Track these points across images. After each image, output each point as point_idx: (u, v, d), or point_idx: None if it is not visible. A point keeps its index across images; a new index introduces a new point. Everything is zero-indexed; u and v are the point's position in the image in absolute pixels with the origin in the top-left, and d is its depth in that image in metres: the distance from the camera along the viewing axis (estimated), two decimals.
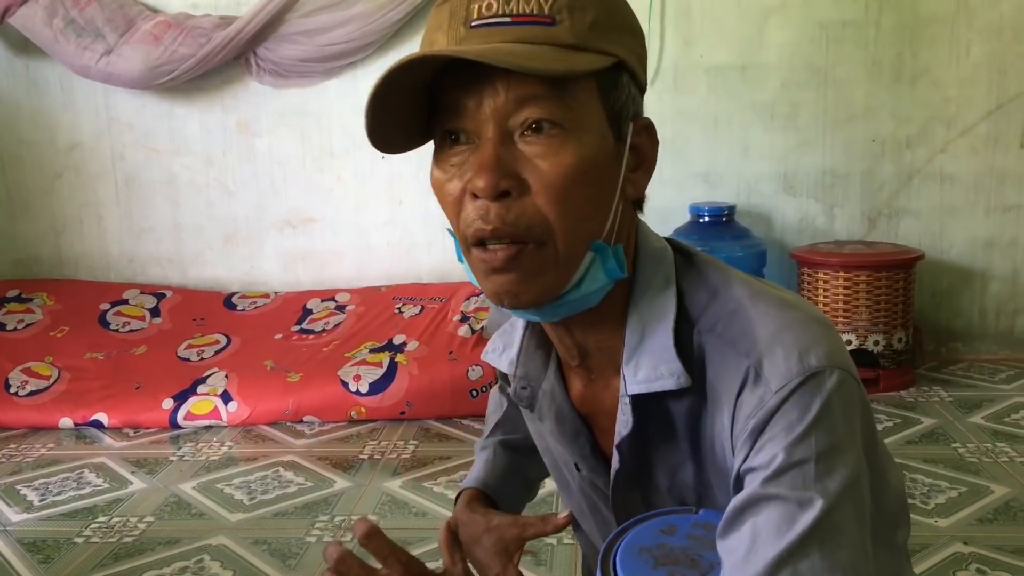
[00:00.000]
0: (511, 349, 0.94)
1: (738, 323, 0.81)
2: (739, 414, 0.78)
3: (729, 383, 0.79)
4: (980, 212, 3.79)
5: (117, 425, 3.30)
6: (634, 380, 0.82)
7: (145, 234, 4.18)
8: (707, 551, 0.75)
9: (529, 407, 0.92)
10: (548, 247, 0.76)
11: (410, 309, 3.76)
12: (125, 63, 3.77)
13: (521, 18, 0.74)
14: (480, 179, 0.75)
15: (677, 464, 0.85)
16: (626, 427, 0.83)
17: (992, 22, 3.67)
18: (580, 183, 0.76)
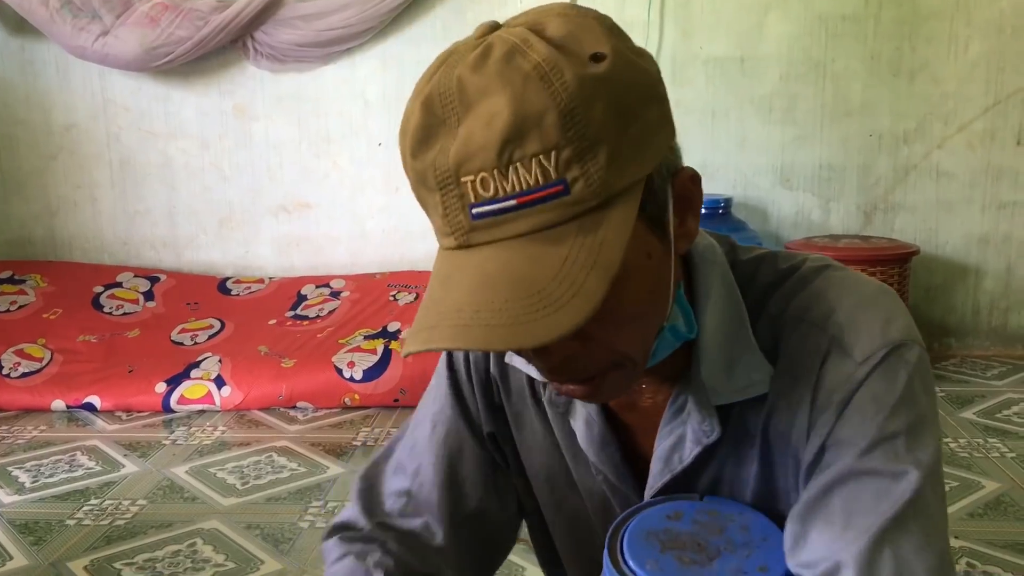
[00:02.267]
0: None
1: (813, 299, 0.79)
2: (821, 388, 0.77)
3: (808, 359, 0.78)
4: (976, 208, 3.80)
5: (110, 408, 3.29)
6: (726, 390, 0.80)
7: (139, 217, 4.16)
8: (713, 536, 0.75)
9: (564, 412, 0.90)
10: (624, 367, 0.74)
11: (405, 296, 3.75)
12: (121, 45, 3.74)
13: (528, 197, 0.62)
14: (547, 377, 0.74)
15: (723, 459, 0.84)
16: (709, 436, 0.81)
17: (991, 18, 3.67)
18: (635, 315, 0.72)
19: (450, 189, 0.64)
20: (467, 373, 0.97)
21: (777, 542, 0.75)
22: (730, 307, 0.81)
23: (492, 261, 0.63)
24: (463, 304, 0.63)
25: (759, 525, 0.77)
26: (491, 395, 0.98)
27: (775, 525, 0.77)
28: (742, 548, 0.74)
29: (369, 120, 4.00)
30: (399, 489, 0.98)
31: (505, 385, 0.97)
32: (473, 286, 0.63)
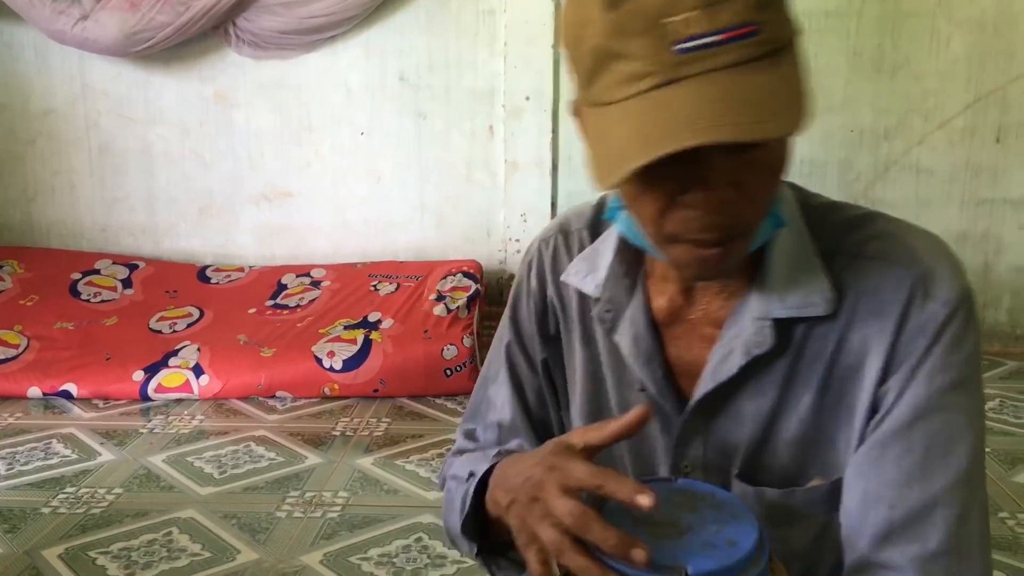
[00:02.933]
0: (597, 273, 0.95)
1: (895, 243, 0.85)
2: (906, 327, 0.82)
3: (890, 298, 0.83)
4: (955, 205, 3.83)
5: (86, 396, 3.27)
6: (781, 306, 0.85)
7: (118, 203, 4.13)
8: (685, 514, 0.77)
9: (611, 330, 0.94)
10: (750, 235, 0.80)
11: (386, 287, 3.74)
12: (101, 29, 3.71)
13: (731, 33, 0.69)
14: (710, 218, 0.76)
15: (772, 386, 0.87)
16: (760, 348, 0.85)
17: (972, 16, 3.69)
18: (779, 170, 0.79)
19: (654, 30, 0.70)
20: (528, 305, 1.04)
21: (747, 520, 0.76)
22: (797, 236, 0.87)
23: (708, 86, 0.70)
24: (696, 116, 0.69)
25: (731, 504, 0.79)
26: (546, 325, 1.03)
27: (747, 506, 0.78)
28: (712, 524, 0.76)
29: (352, 109, 3.98)
30: (492, 422, 1.07)
31: (563, 310, 1.02)
32: (700, 103, 0.69)
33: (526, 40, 3.78)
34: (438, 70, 3.91)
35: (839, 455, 0.86)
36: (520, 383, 1.06)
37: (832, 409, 0.86)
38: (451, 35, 3.88)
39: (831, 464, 0.87)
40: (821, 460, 0.87)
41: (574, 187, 3.91)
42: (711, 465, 0.91)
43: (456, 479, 1.00)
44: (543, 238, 1.04)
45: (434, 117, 3.95)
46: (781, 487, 0.88)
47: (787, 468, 0.88)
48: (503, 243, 3.98)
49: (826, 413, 0.86)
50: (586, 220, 1.01)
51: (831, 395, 0.86)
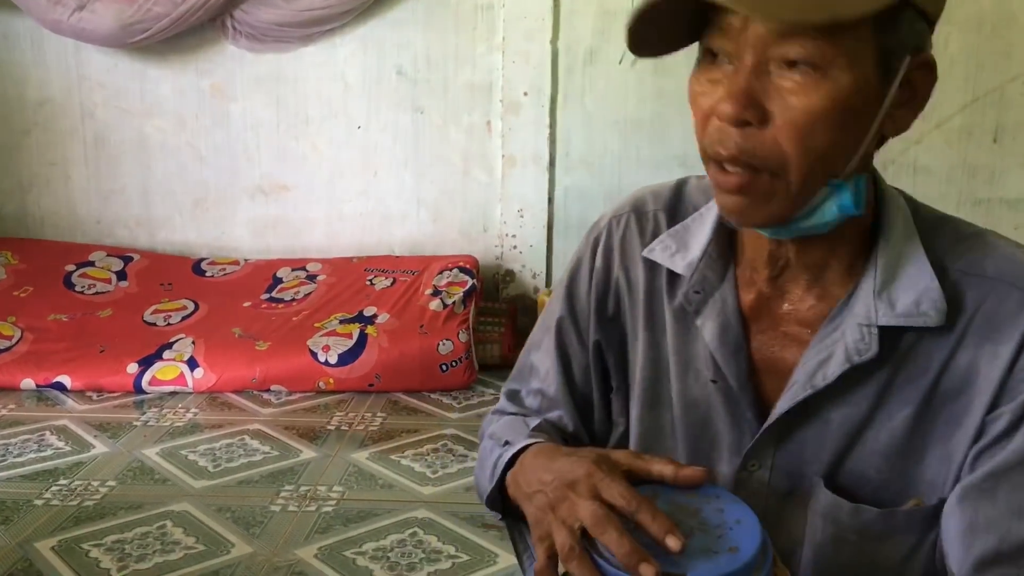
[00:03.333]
0: (689, 252, 0.92)
1: (1016, 266, 0.83)
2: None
3: (1011, 319, 0.81)
4: (952, 205, 3.83)
5: (80, 388, 3.25)
6: (890, 312, 0.82)
7: (114, 195, 4.11)
8: (687, 518, 0.76)
9: (695, 312, 0.91)
10: (781, 179, 0.77)
11: (382, 281, 3.73)
12: (97, 20, 3.69)
13: None
14: (725, 105, 0.76)
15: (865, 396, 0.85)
16: (862, 355, 0.82)
17: (971, 15, 3.69)
18: (826, 125, 0.76)
19: None
20: (588, 282, 1.01)
21: (751, 525, 0.75)
22: (910, 244, 0.85)
23: None
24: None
25: (734, 509, 0.77)
26: (605, 305, 1.01)
27: (751, 511, 0.77)
28: (715, 529, 0.75)
29: (349, 103, 3.97)
30: (535, 388, 1.06)
31: (629, 292, 0.99)
32: None
33: (524, 35, 3.77)
34: (436, 64, 3.90)
35: (926, 472, 0.85)
36: (568, 359, 1.04)
37: (928, 427, 0.84)
38: (449, 29, 3.86)
39: (917, 480, 0.85)
40: (907, 476, 0.85)
41: (571, 183, 3.90)
42: (781, 467, 0.89)
43: (493, 439, 1.00)
44: (615, 215, 1.01)
45: (431, 111, 3.94)
46: (863, 500, 0.86)
47: (871, 480, 0.86)
48: (500, 238, 3.98)
49: (921, 430, 0.84)
50: (664, 201, 0.99)
51: (930, 412, 0.84)
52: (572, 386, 1.04)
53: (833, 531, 0.87)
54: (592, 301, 1.01)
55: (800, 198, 0.79)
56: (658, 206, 0.99)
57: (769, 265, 0.88)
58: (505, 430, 0.99)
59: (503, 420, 1.04)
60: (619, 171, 3.82)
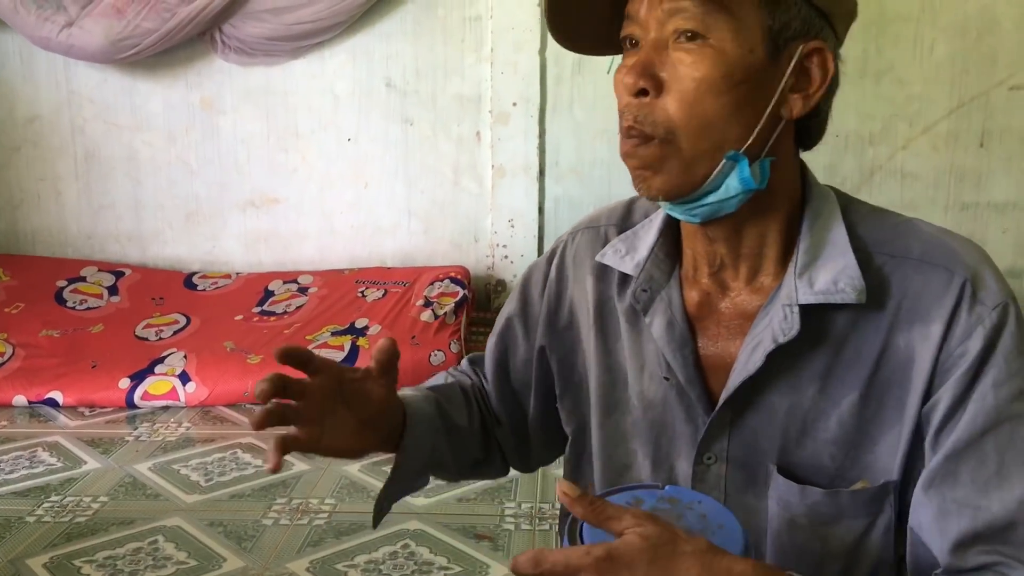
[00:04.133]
0: (636, 253, 0.97)
1: (941, 249, 0.86)
2: (955, 328, 0.82)
3: (937, 299, 0.83)
4: (939, 209, 3.85)
5: (72, 404, 3.25)
6: (809, 291, 0.85)
7: (104, 211, 4.11)
8: (671, 522, 0.76)
9: (644, 310, 0.94)
10: (672, 145, 0.82)
11: (373, 293, 3.74)
12: (87, 36, 3.70)
13: None
14: (627, 77, 0.83)
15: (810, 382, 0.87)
16: (786, 335, 0.85)
17: (956, 21, 3.72)
18: (713, 92, 0.81)
19: None
20: (541, 290, 1.07)
21: (733, 529, 0.76)
22: (834, 230, 0.88)
23: None
24: None
25: (717, 513, 0.78)
26: (558, 316, 1.05)
27: (733, 515, 0.78)
28: (698, 534, 0.75)
29: (338, 115, 3.98)
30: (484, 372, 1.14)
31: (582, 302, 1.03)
32: None
33: (513, 46, 3.79)
34: (425, 76, 3.92)
35: (880, 459, 0.86)
36: (506, 356, 1.10)
37: (876, 413, 0.86)
38: (438, 41, 3.88)
39: (872, 467, 0.86)
40: (862, 462, 0.87)
41: (561, 192, 3.92)
42: (735, 458, 0.91)
43: None
44: (571, 232, 1.07)
45: (421, 123, 3.96)
46: (818, 486, 0.87)
47: (825, 467, 0.88)
48: (490, 248, 3.99)
49: (869, 416, 0.86)
50: (617, 216, 1.04)
51: (875, 398, 0.86)
52: (502, 388, 1.11)
53: (787, 516, 0.88)
54: (544, 312, 1.06)
55: (695, 168, 0.83)
56: (611, 221, 1.04)
57: (708, 262, 0.92)
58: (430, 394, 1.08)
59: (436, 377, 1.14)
60: (609, 180, 3.84)
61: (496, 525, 2.41)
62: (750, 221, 0.88)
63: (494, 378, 1.11)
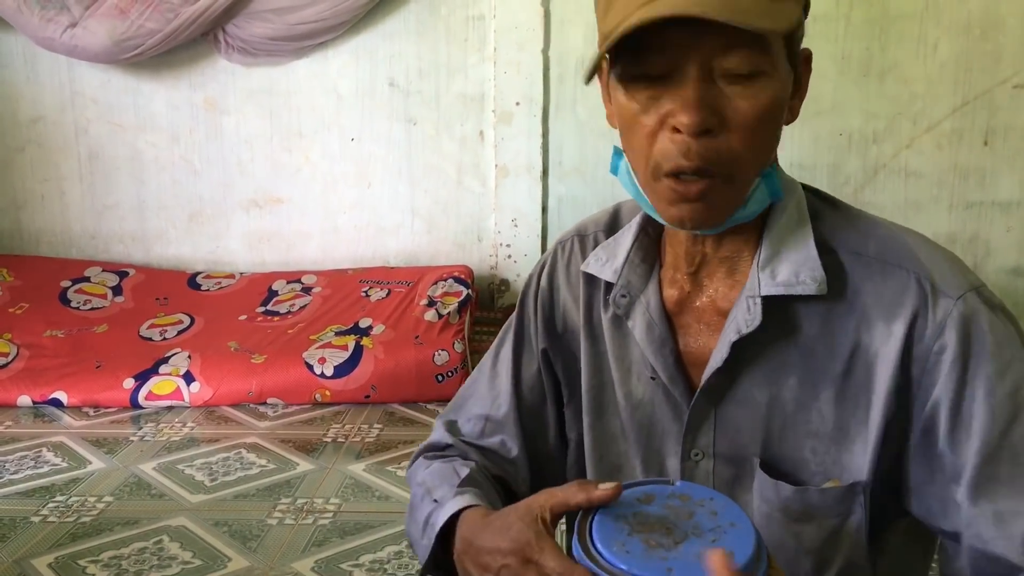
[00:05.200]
0: (615, 259, 0.98)
1: (896, 246, 0.87)
2: (922, 327, 0.83)
3: (896, 299, 0.84)
4: (943, 208, 3.84)
5: (77, 404, 3.25)
6: (771, 283, 0.87)
7: (108, 211, 4.12)
8: (682, 520, 0.76)
9: (624, 315, 0.96)
10: (732, 181, 0.82)
11: (377, 292, 3.74)
12: (90, 36, 3.70)
13: None
14: (687, 116, 0.79)
15: (788, 375, 0.88)
16: (748, 326, 0.86)
17: (960, 19, 3.71)
18: (770, 121, 0.82)
19: None
20: (535, 303, 1.06)
21: (745, 528, 0.75)
22: (798, 224, 0.90)
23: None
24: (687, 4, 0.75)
25: (729, 511, 0.77)
26: (553, 323, 1.05)
27: (744, 512, 0.77)
28: (709, 533, 0.75)
29: (341, 115, 3.98)
30: (477, 415, 1.08)
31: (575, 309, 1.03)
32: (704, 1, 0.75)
33: (516, 45, 3.79)
34: (428, 75, 3.92)
35: (855, 458, 0.86)
36: (520, 378, 1.07)
37: (851, 411, 0.87)
38: (441, 40, 3.88)
39: (846, 466, 0.87)
40: (839, 461, 0.87)
41: (564, 192, 3.92)
42: (721, 453, 0.92)
43: (423, 488, 1.01)
44: (560, 241, 1.07)
45: (424, 122, 3.96)
46: (798, 483, 0.88)
47: (807, 461, 0.88)
48: (494, 248, 3.99)
49: (845, 413, 0.87)
50: (603, 224, 1.05)
51: (849, 396, 0.87)
52: (521, 405, 1.06)
53: (766, 510, 0.89)
54: (539, 319, 1.06)
55: (742, 195, 0.84)
56: (598, 228, 1.05)
57: (687, 262, 0.93)
58: (434, 479, 1.00)
59: (432, 468, 1.04)
60: (612, 179, 3.78)
61: None
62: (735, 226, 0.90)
63: (512, 414, 1.06)
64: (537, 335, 1.06)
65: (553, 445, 1.08)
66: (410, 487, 1.07)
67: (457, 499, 0.93)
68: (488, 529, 0.84)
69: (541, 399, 1.07)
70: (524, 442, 1.06)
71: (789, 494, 0.88)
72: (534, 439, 1.07)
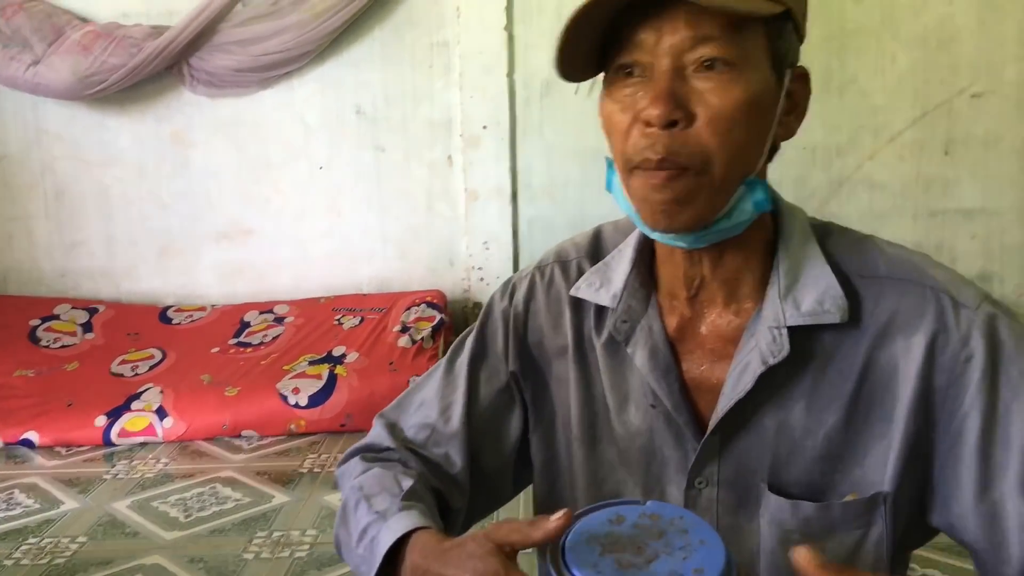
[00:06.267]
0: (612, 285, 0.96)
1: (906, 264, 0.88)
2: (946, 338, 0.84)
3: (916, 313, 0.85)
4: (908, 217, 3.90)
5: (48, 444, 3.21)
6: (796, 313, 0.86)
7: (77, 247, 4.09)
8: (652, 539, 0.76)
9: (625, 341, 0.94)
10: (705, 176, 0.82)
11: (350, 320, 3.73)
12: (53, 74, 3.69)
13: None
14: (653, 108, 0.80)
15: (796, 400, 0.88)
16: (775, 356, 0.86)
17: (916, 33, 3.78)
18: (742, 119, 0.81)
19: None
20: (506, 326, 1.04)
21: (715, 545, 0.76)
22: (810, 249, 0.90)
23: None
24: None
25: (699, 529, 0.78)
26: (527, 347, 1.03)
27: (714, 529, 0.78)
28: (679, 551, 0.75)
29: (310, 144, 3.99)
30: (423, 423, 1.05)
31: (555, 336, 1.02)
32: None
33: (481, 70, 3.81)
34: (394, 102, 3.93)
35: (869, 472, 0.87)
36: (476, 396, 1.04)
37: (862, 427, 0.87)
38: (406, 67, 3.90)
39: (861, 480, 0.87)
40: (852, 476, 0.88)
41: (535, 213, 3.93)
42: (726, 480, 0.91)
43: (362, 493, 0.96)
44: (539, 266, 1.05)
45: (392, 149, 3.97)
46: (814, 500, 0.88)
47: (816, 483, 0.89)
48: (466, 271, 3.99)
49: (856, 431, 0.87)
50: (585, 249, 1.03)
51: (860, 413, 0.87)
52: (472, 423, 1.03)
53: (780, 535, 0.89)
54: (511, 341, 1.03)
55: (721, 196, 0.83)
56: (580, 254, 1.03)
57: (686, 286, 0.92)
58: (373, 485, 0.97)
59: (372, 472, 1.00)
60: (581, 200, 3.86)
61: None
62: (734, 242, 0.89)
63: (462, 429, 1.03)
64: (508, 357, 1.03)
65: (499, 466, 1.05)
66: (341, 486, 1.04)
67: (403, 516, 0.90)
68: (445, 557, 0.82)
69: (497, 420, 1.04)
70: (469, 460, 1.03)
71: (811, 512, 0.87)
72: (479, 457, 1.04)
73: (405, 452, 1.03)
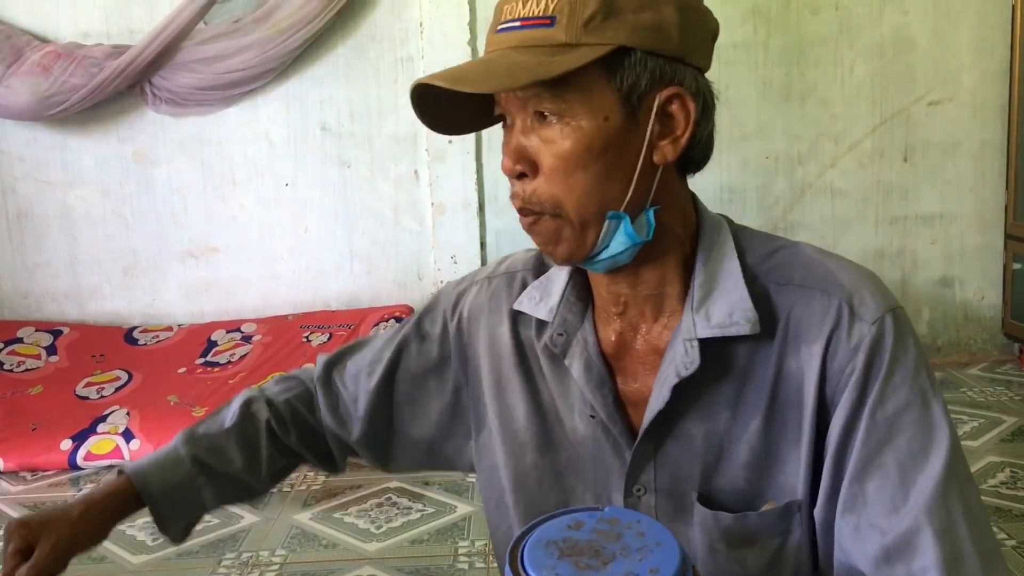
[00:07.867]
0: (550, 298, 1.00)
1: (819, 272, 0.90)
2: (836, 348, 0.86)
3: (818, 321, 0.87)
4: (870, 224, 3.95)
5: (13, 469, 3.17)
6: (706, 326, 0.89)
7: (40, 269, 4.05)
8: (610, 543, 0.78)
9: (562, 353, 0.98)
10: (563, 218, 0.87)
11: (318, 337, 3.72)
12: (13, 95, 3.66)
13: (528, 21, 0.83)
14: (505, 161, 0.88)
15: (722, 409, 0.91)
16: (688, 369, 0.88)
17: (873, 42, 3.84)
18: (582, 164, 0.84)
19: (496, 14, 0.87)
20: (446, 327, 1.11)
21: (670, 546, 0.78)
22: (726, 262, 0.92)
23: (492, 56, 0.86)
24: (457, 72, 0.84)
25: (655, 532, 0.80)
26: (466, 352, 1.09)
27: (671, 533, 0.80)
28: (636, 553, 0.77)
29: (275, 161, 3.97)
30: (356, 371, 1.16)
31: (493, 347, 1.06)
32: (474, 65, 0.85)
33: None
34: (359, 118, 3.93)
35: (789, 478, 0.89)
36: (401, 364, 1.12)
37: (780, 434, 0.89)
38: (371, 83, 3.91)
39: (783, 487, 0.90)
40: (775, 484, 0.90)
41: (502, 226, 3.95)
42: (663, 488, 0.93)
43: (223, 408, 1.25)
44: (488, 276, 1.09)
45: (358, 164, 3.97)
46: (737, 511, 0.90)
47: (744, 491, 0.91)
48: (435, 286, 3.99)
49: (774, 438, 0.89)
50: (531, 266, 1.07)
51: (777, 421, 0.89)
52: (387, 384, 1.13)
53: (707, 542, 0.91)
54: (454, 341, 1.09)
55: (588, 232, 0.87)
56: (526, 270, 1.07)
57: (613, 304, 0.95)
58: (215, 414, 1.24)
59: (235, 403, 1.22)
60: None
61: (450, 565, 2.40)
62: (647, 264, 0.92)
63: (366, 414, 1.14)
64: (444, 346, 1.10)
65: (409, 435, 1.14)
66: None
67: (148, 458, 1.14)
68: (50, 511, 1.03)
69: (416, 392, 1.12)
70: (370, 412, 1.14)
71: (729, 522, 0.90)
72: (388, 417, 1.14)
73: (322, 386, 1.18)
